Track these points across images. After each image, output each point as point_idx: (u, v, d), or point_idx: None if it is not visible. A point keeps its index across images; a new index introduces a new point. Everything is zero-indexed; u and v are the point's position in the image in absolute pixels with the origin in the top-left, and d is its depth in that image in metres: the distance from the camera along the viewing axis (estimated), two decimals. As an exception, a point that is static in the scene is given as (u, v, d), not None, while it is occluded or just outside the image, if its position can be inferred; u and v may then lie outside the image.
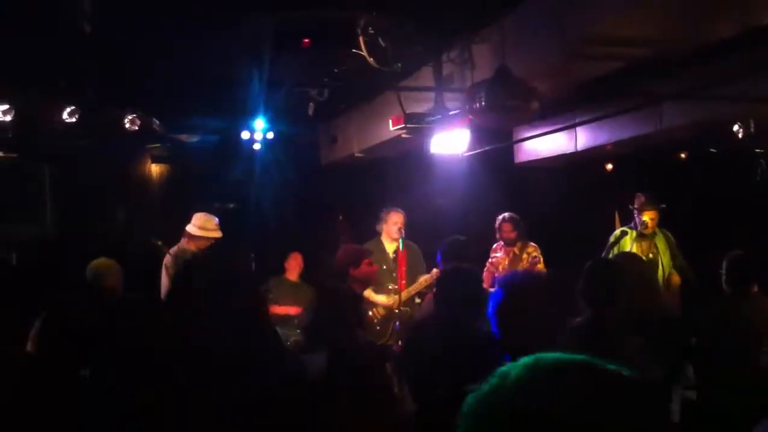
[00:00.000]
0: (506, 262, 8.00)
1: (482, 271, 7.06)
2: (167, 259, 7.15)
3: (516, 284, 3.45)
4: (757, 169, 8.89)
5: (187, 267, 2.52)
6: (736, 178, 9.45)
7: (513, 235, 7.97)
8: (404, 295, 7.29)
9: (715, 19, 4.45)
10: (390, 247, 7.55)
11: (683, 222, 8.10)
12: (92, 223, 9.20)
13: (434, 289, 8.53)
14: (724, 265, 5.63)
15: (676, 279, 7.69)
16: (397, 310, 7.23)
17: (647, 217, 7.66)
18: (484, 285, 4.97)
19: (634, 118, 8.08)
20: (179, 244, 7.30)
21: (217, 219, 7.39)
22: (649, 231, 7.68)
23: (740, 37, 4.78)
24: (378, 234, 7.62)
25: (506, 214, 8.05)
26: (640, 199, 7.75)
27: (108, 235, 8.96)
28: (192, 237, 7.23)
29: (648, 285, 4.88)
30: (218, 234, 7.32)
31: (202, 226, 7.26)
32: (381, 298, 7.37)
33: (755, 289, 5.68)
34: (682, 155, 10.26)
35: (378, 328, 7.32)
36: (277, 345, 2.78)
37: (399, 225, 7.43)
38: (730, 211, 9.58)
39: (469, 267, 4.58)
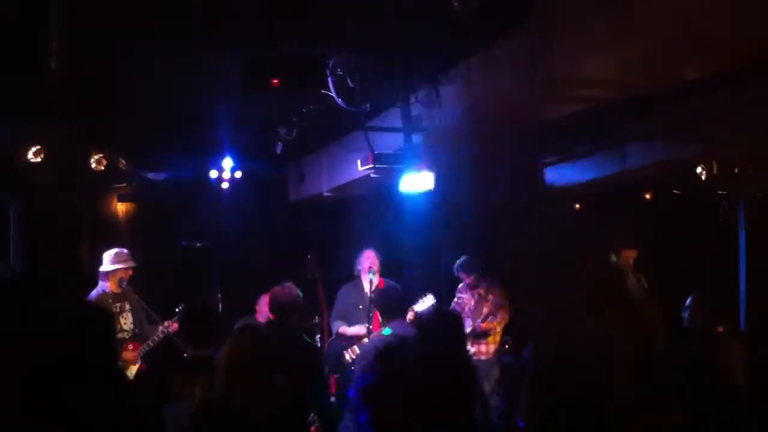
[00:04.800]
0: (472, 303, 8.00)
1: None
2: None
3: None
4: (720, 210, 9.01)
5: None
6: (699, 219, 9.58)
7: (471, 280, 8.00)
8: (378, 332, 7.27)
9: (680, 64, 4.53)
10: (368, 286, 7.56)
11: (648, 261, 8.15)
12: (58, 261, 9.07)
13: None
14: (689, 304, 5.65)
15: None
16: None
17: (628, 255, 7.48)
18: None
19: (599, 158, 8.18)
20: (98, 287, 7.23)
21: (126, 250, 7.36)
22: (627, 270, 7.52)
23: (703, 81, 4.87)
24: (356, 275, 7.67)
25: (458, 262, 8.09)
26: (620, 237, 7.56)
27: (73, 274, 8.83)
28: (108, 274, 7.18)
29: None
30: (132, 264, 7.29)
31: (114, 260, 7.21)
32: (354, 328, 7.37)
33: (720, 329, 5.71)
34: (648, 196, 10.39)
35: (353, 368, 7.26)
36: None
37: (369, 263, 7.48)
38: (694, 251, 9.70)
39: (451, 310, 4.59)
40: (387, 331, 5.69)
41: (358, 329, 7.36)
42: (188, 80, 6.23)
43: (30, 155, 7.28)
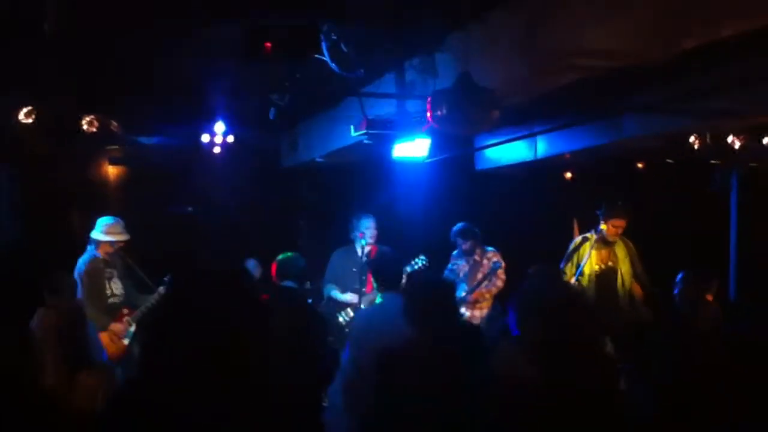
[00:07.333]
0: (466, 269, 8.05)
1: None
2: (80, 269, 7.07)
3: None
4: (712, 179, 9.04)
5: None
6: (692, 188, 9.61)
7: (467, 245, 8.04)
8: (370, 295, 7.32)
9: (677, 34, 4.50)
10: (360, 251, 7.62)
11: (640, 230, 8.16)
12: (49, 225, 9.05)
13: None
14: (679, 279, 5.72)
15: (637, 289, 7.50)
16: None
17: (616, 224, 7.37)
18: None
19: (594, 127, 8.17)
20: (88, 252, 7.20)
21: (122, 221, 7.32)
22: (614, 239, 7.49)
23: (699, 52, 4.85)
24: (353, 240, 7.72)
25: (455, 229, 8.12)
26: (609, 205, 7.47)
27: (64, 238, 8.81)
28: (99, 243, 7.15)
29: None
30: (126, 237, 7.26)
31: (108, 231, 7.17)
32: (346, 296, 7.43)
33: (709, 297, 5.77)
34: (640, 165, 10.41)
35: (347, 330, 7.30)
36: None
37: (371, 228, 7.57)
38: (687, 219, 9.74)
39: (443, 279, 4.56)
40: (378, 299, 5.69)
41: (351, 297, 7.42)
42: (182, 45, 6.17)
43: (21, 116, 7.24)
